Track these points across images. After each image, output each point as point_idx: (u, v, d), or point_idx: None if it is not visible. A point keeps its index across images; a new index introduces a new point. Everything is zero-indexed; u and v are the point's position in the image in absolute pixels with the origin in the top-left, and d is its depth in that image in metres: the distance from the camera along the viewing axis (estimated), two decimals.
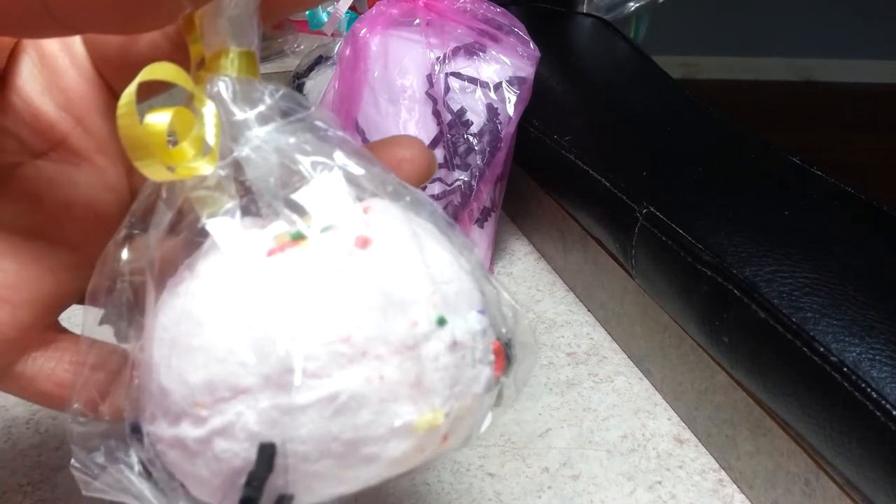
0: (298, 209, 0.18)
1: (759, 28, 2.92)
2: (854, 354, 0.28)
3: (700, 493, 0.34)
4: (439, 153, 0.44)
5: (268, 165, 0.18)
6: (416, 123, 0.44)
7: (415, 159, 0.23)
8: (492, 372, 0.20)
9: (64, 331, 0.25)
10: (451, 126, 0.44)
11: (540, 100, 0.48)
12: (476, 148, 0.45)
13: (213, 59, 0.18)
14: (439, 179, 0.45)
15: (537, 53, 0.46)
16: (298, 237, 0.18)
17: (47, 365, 0.23)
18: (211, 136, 0.18)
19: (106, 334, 0.22)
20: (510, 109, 0.45)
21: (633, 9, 0.71)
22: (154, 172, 0.17)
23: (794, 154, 0.42)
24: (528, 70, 0.46)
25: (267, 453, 0.17)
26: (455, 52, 0.44)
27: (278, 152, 0.19)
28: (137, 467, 0.19)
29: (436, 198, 0.45)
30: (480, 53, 0.45)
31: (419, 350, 0.18)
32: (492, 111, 0.45)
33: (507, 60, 0.45)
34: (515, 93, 0.45)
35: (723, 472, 0.36)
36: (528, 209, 0.54)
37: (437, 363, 0.18)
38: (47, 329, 0.24)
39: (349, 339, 0.17)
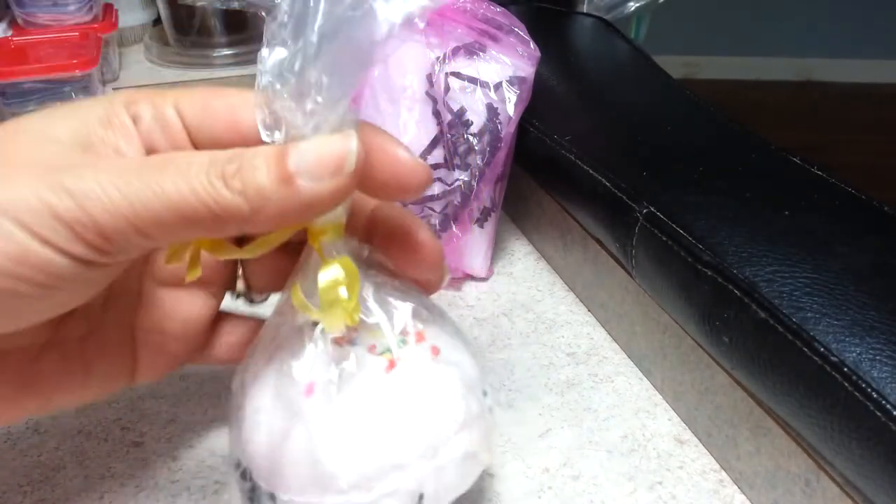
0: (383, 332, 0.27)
1: (759, 28, 2.92)
2: (854, 354, 0.28)
3: (700, 493, 0.34)
4: (439, 153, 0.44)
5: (365, 304, 0.27)
6: (415, 123, 0.44)
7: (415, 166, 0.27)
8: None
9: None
10: (451, 126, 0.44)
11: (540, 100, 0.48)
12: (476, 148, 0.45)
13: (321, 231, 0.26)
14: (439, 179, 0.45)
15: (537, 53, 0.46)
16: (389, 352, 0.27)
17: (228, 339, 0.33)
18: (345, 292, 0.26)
19: None
20: (510, 109, 0.45)
21: (633, 8, 0.71)
22: (335, 324, 0.25)
23: (794, 154, 0.42)
24: (528, 70, 0.46)
25: (421, 500, 0.26)
26: (455, 51, 0.44)
27: (375, 294, 0.28)
28: None
29: (436, 198, 0.45)
30: (480, 53, 0.45)
31: (484, 415, 0.28)
32: (492, 111, 0.45)
33: (507, 60, 0.45)
34: (515, 92, 0.45)
35: (723, 473, 0.36)
36: (528, 209, 0.54)
37: (488, 420, 0.29)
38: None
39: (457, 419, 0.27)
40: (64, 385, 0.29)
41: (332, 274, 0.25)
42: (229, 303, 0.34)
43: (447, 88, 0.44)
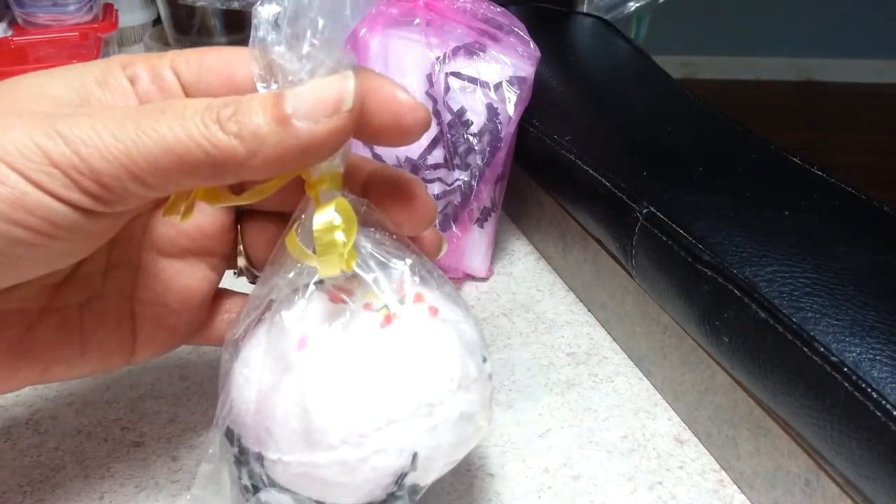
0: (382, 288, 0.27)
1: (759, 28, 2.92)
2: (854, 354, 0.28)
3: (700, 493, 0.34)
4: (439, 153, 0.44)
5: (366, 258, 0.26)
6: None
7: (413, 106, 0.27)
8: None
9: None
10: (450, 126, 0.44)
11: (540, 100, 0.48)
12: (476, 148, 0.45)
13: (319, 180, 0.26)
14: (439, 179, 0.45)
15: (537, 53, 0.46)
16: (387, 310, 0.26)
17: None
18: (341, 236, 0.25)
19: None
20: (510, 109, 0.45)
21: (633, 8, 0.71)
22: (330, 268, 0.25)
23: (794, 154, 0.42)
24: (528, 70, 0.46)
25: (415, 459, 0.25)
26: (455, 51, 0.44)
27: (372, 250, 0.27)
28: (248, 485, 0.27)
29: (436, 198, 0.45)
30: (480, 53, 0.45)
31: (482, 380, 0.28)
32: (492, 111, 0.45)
33: (507, 60, 0.45)
34: (515, 92, 0.45)
35: (723, 473, 0.36)
36: (528, 209, 0.54)
37: (487, 385, 0.28)
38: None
39: (454, 379, 0.26)
40: (61, 354, 0.28)
41: (327, 215, 0.25)
42: (231, 282, 0.34)
43: (447, 88, 0.44)
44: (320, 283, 0.26)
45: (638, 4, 0.70)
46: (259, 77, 0.24)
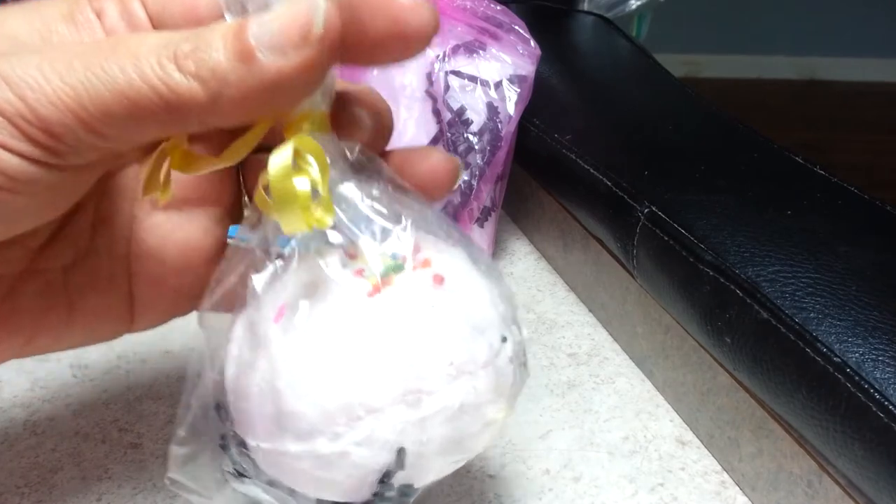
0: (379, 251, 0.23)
1: (762, 26, 2.92)
2: (857, 355, 0.28)
3: (702, 495, 0.34)
4: None
5: (356, 214, 0.23)
6: (415, 122, 0.44)
7: (445, 167, 0.26)
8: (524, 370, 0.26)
9: None
10: (450, 125, 0.44)
11: (541, 98, 0.48)
12: (476, 147, 0.44)
13: (299, 121, 0.22)
14: None
15: (538, 51, 0.46)
16: (388, 273, 0.23)
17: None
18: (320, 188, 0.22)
19: None
20: (510, 108, 0.45)
21: (634, 7, 0.70)
22: (292, 224, 0.21)
23: (797, 153, 0.42)
24: (528, 68, 0.46)
25: (401, 456, 0.22)
26: (455, 50, 0.44)
27: (363, 205, 0.23)
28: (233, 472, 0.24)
29: None
30: (480, 51, 0.45)
31: (496, 363, 0.24)
32: (492, 110, 0.44)
33: (507, 58, 0.45)
34: (516, 91, 0.45)
35: (725, 474, 0.35)
36: (529, 209, 0.54)
37: (505, 371, 0.24)
38: None
39: (452, 362, 0.22)
40: (46, 323, 0.26)
41: (282, 157, 0.21)
42: None
43: (447, 87, 0.44)
44: (308, 244, 0.23)
45: (639, 3, 0.70)
46: (226, 4, 0.21)
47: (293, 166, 0.21)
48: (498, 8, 0.46)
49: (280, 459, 0.22)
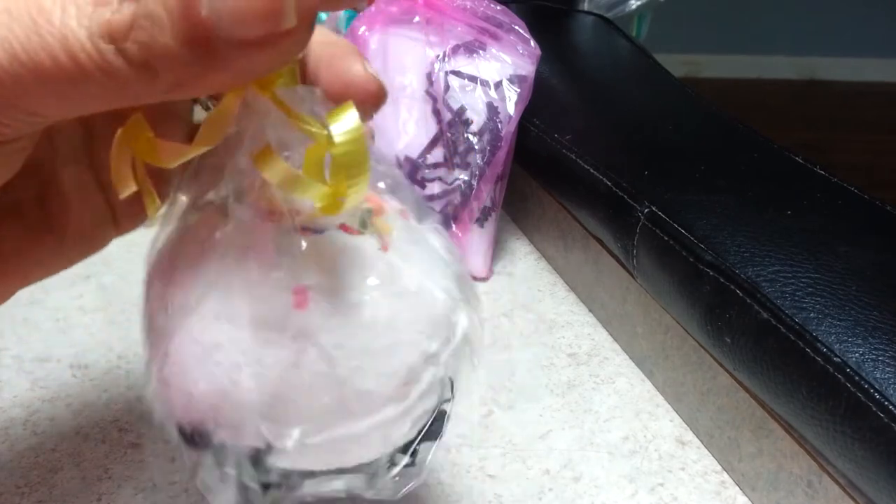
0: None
1: (762, 26, 2.92)
2: (857, 355, 0.28)
3: (702, 495, 0.34)
4: (439, 152, 0.44)
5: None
6: (415, 122, 0.44)
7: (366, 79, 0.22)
8: None
9: None
10: (450, 125, 0.44)
11: (541, 98, 0.48)
12: (476, 147, 0.44)
13: (274, 77, 0.20)
14: (439, 179, 0.45)
15: (538, 51, 0.46)
16: (367, 219, 0.21)
17: None
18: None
19: None
20: (510, 108, 0.45)
21: (634, 7, 0.70)
22: (359, 195, 0.19)
23: (797, 153, 0.42)
24: (528, 68, 0.46)
25: (449, 388, 0.23)
26: (455, 50, 0.44)
27: None
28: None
29: (436, 197, 0.45)
30: (480, 51, 0.45)
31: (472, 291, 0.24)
32: (492, 110, 0.44)
33: (507, 58, 0.45)
34: (516, 91, 0.45)
35: (725, 474, 0.35)
36: (529, 209, 0.54)
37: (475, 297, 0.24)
38: None
39: (461, 297, 0.23)
40: (35, 256, 0.24)
41: (352, 118, 0.18)
42: None
43: (447, 87, 0.44)
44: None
45: (639, 3, 0.70)
46: None
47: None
48: (498, 8, 0.46)
49: (333, 445, 0.21)
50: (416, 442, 0.23)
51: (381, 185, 0.23)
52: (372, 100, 0.22)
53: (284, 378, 0.20)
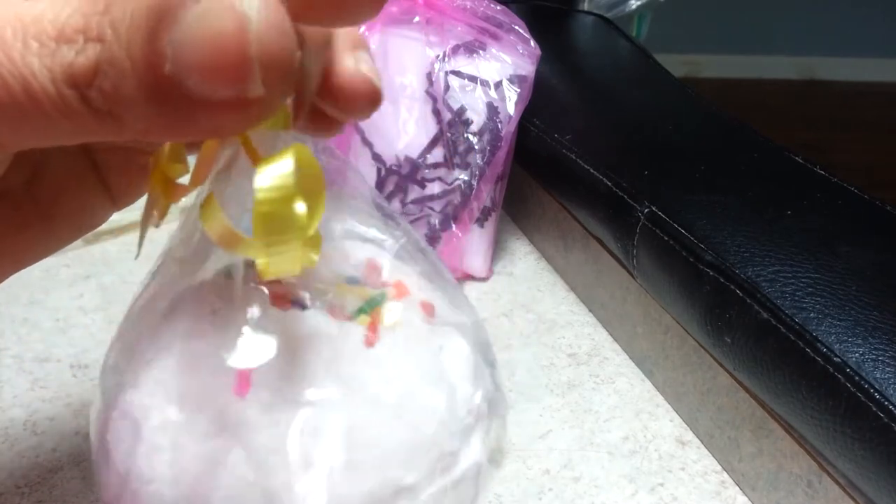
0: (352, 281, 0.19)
1: (762, 26, 2.92)
2: (857, 355, 0.28)
3: (702, 494, 0.34)
4: (439, 152, 0.44)
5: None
6: (415, 122, 0.44)
7: None
8: None
9: None
10: (450, 125, 0.44)
11: (541, 98, 0.48)
12: (476, 147, 0.44)
13: None
14: (439, 179, 0.45)
15: (538, 51, 0.46)
16: (364, 314, 0.18)
17: None
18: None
19: None
20: (510, 108, 0.45)
21: (634, 7, 0.70)
22: (285, 265, 0.16)
23: (797, 153, 0.42)
24: (528, 68, 0.46)
25: None
26: (455, 50, 0.44)
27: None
28: None
29: (436, 197, 0.45)
30: (480, 51, 0.45)
31: (498, 395, 0.21)
32: (492, 110, 0.44)
33: (507, 58, 0.45)
34: (516, 91, 0.45)
35: (725, 474, 0.35)
36: (529, 209, 0.54)
37: (502, 400, 0.21)
38: None
39: (472, 409, 0.19)
40: (24, 242, 0.23)
41: (281, 171, 0.15)
42: None
43: (447, 87, 0.44)
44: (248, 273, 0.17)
45: (639, 3, 0.70)
46: None
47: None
48: (498, 8, 0.46)
49: None
50: None
51: (417, 269, 0.20)
52: (362, 100, 0.19)
53: (203, 477, 0.17)
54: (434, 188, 0.45)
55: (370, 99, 0.19)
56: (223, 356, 0.16)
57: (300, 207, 0.15)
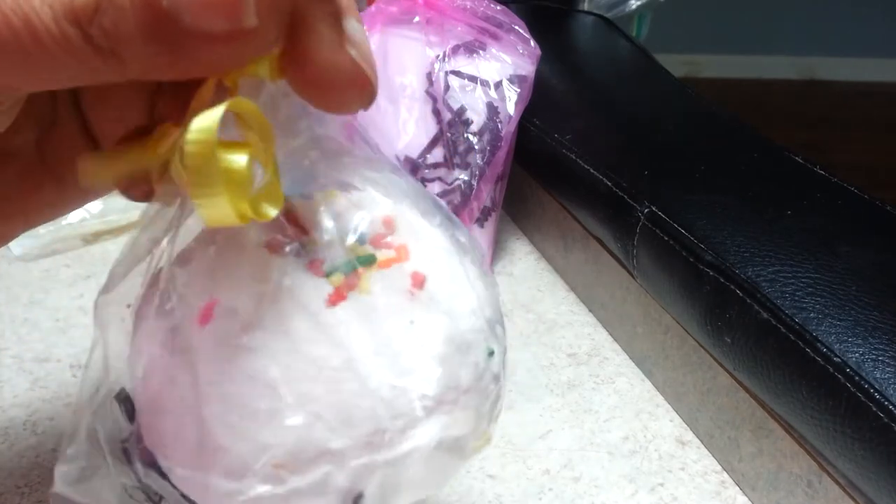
0: (339, 232, 0.18)
1: (762, 26, 2.92)
2: (857, 355, 0.28)
3: (702, 494, 0.34)
4: (439, 152, 0.44)
5: (304, 175, 0.19)
6: (415, 122, 0.44)
7: None
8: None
9: None
10: (450, 125, 0.44)
11: (541, 98, 0.47)
12: (476, 147, 0.44)
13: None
14: (439, 179, 0.45)
15: (538, 51, 0.46)
16: (353, 269, 0.18)
17: None
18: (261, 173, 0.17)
19: None
20: (510, 108, 0.45)
21: (634, 7, 0.70)
22: (215, 214, 0.16)
23: (797, 153, 0.42)
24: (528, 68, 0.46)
25: (359, 501, 0.18)
26: (455, 50, 0.44)
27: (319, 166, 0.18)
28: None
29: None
30: (480, 51, 0.45)
31: (480, 386, 0.19)
32: (492, 110, 0.44)
33: (507, 58, 0.45)
34: (516, 91, 0.45)
35: (725, 474, 0.35)
36: (529, 209, 0.54)
37: (489, 392, 0.20)
38: None
39: (428, 395, 0.18)
40: (34, 201, 0.24)
41: (205, 122, 0.15)
42: None
43: (447, 87, 0.44)
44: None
45: (639, 3, 0.70)
46: None
47: (233, 136, 0.16)
48: (498, 8, 0.46)
49: (203, 491, 0.18)
50: None
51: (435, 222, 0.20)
52: (349, 91, 0.17)
53: (158, 385, 0.18)
54: (434, 188, 0.45)
55: (357, 86, 0.17)
56: (205, 284, 0.18)
57: (240, 159, 0.15)
